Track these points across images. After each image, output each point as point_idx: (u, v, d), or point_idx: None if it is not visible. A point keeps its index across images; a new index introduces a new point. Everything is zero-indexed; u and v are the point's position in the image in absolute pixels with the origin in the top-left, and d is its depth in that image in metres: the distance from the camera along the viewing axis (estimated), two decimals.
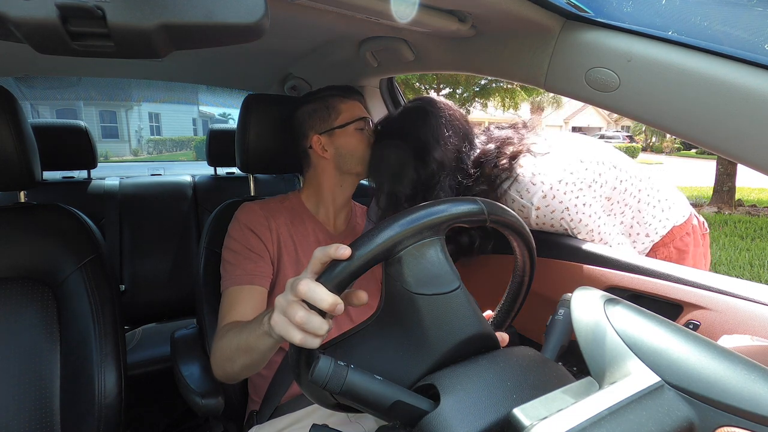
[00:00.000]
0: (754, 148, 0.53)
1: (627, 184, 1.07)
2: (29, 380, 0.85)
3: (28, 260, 0.89)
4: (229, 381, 0.84)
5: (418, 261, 0.50)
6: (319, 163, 1.04)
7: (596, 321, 0.45)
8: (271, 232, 0.96)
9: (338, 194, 1.06)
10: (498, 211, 0.55)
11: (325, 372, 0.43)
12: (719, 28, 0.59)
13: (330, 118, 1.02)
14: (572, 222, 1.00)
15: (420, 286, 0.49)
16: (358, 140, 1.02)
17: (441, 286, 0.50)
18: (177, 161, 6.12)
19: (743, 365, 0.38)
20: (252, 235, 0.94)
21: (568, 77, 0.70)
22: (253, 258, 0.92)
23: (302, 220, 1.03)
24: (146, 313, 1.81)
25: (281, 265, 0.96)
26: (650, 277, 0.87)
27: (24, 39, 0.35)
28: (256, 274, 0.91)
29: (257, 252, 0.93)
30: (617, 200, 1.07)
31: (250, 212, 0.98)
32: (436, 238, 0.51)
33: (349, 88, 1.08)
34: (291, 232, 0.99)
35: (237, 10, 0.37)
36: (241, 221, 0.96)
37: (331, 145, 1.02)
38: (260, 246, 0.94)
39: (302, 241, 1.00)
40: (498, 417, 0.41)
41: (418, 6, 0.72)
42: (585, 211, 1.00)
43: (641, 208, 1.10)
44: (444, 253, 0.52)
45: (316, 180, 1.06)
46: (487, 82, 8.57)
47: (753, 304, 0.74)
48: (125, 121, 11.52)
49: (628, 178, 1.07)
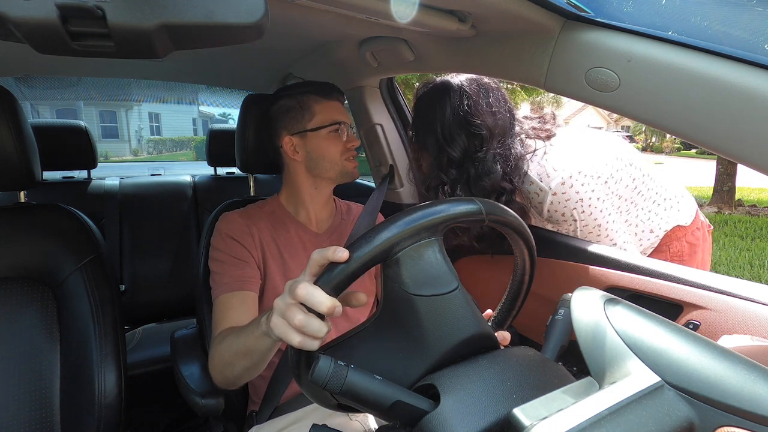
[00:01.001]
0: (754, 148, 0.53)
1: (639, 182, 1.09)
2: (29, 380, 0.85)
3: (28, 260, 0.89)
4: (230, 386, 0.83)
5: (416, 262, 0.50)
6: (291, 165, 1.02)
7: (596, 321, 0.45)
8: (253, 238, 0.95)
9: (315, 196, 1.04)
10: (497, 210, 0.55)
11: (325, 372, 0.43)
12: (719, 28, 0.59)
13: (304, 119, 0.99)
14: (583, 214, 1.02)
15: (418, 287, 0.49)
16: (332, 145, 0.99)
17: (439, 286, 0.50)
18: (177, 161, 6.12)
19: (743, 365, 0.38)
20: (234, 243, 0.94)
21: (568, 77, 0.70)
22: (239, 265, 0.92)
23: (284, 223, 1.01)
24: (146, 313, 1.81)
25: (268, 269, 0.95)
26: (650, 277, 0.87)
27: (24, 39, 0.35)
28: (244, 280, 0.91)
29: (242, 258, 0.93)
30: (628, 198, 1.09)
31: (230, 221, 0.97)
32: (434, 239, 0.51)
33: (328, 86, 1.03)
34: (274, 236, 0.98)
35: (237, 10, 0.37)
36: (222, 231, 0.95)
37: (303, 147, 0.99)
38: (244, 252, 0.93)
39: (286, 244, 0.99)
40: (498, 417, 0.41)
41: (418, 6, 0.72)
42: (597, 206, 1.02)
43: (650, 208, 1.12)
44: (442, 254, 0.52)
45: (291, 182, 1.04)
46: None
47: (753, 304, 0.74)
48: (125, 121, 11.54)
49: (641, 176, 1.10)
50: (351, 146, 1.01)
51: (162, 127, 12.57)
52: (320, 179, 1.02)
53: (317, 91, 1.00)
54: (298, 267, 0.97)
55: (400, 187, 1.48)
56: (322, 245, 1.01)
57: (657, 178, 1.13)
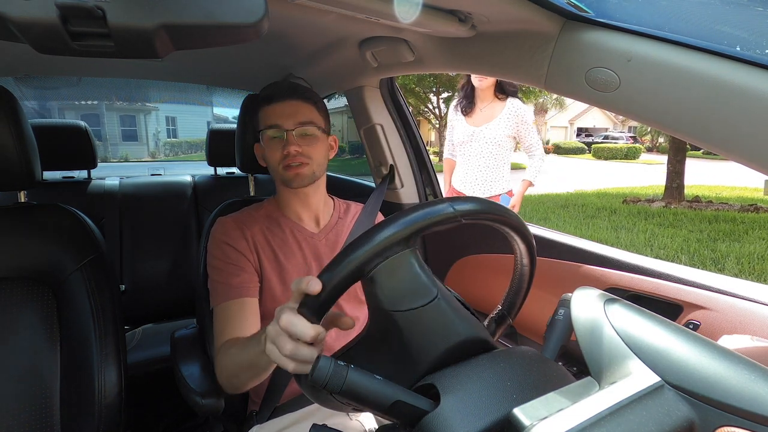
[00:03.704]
0: (754, 148, 0.53)
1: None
2: (29, 380, 0.85)
3: (28, 260, 0.89)
4: (239, 392, 0.85)
5: (390, 279, 0.49)
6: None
7: (596, 321, 0.45)
8: (247, 242, 0.95)
9: (295, 199, 1.02)
10: (470, 207, 0.52)
11: (325, 372, 0.43)
12: (719, 28, 0.59)
13: (259, 125, 0.98)
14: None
15: (395, 303, 0.49)
16: (270, 149, 0.96)
17: (417, 299, 0.49)
18: (191, 161, 6.21)
19: (743, 365, 0.38)
20: (229, 249, 0.94)
21: (568, 77, 0.70)
22: (235, 272, 0.92)
23: (278, 224, 1.01)
24: (146, 313, 1.81)
25: (264, 271, 0.96)
26: (650, 277, 0.87)
27: (24, 39, 0.35)
28: (241, 287, 0.91)
29: (238, 264, 0.93)
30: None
31: (223, 227, 0.97)
32: (407, 251, 0.50)
33: (275, 89, 0.97)
34: (268, 238, 0.98)
35: (237, 10, 0.37)
36: (217, 237, 0.96)
37: (262, 153, 1.00)
38: (239, 257, 0.94)
39: (282, 245, 0.99)
40: (498, 417, 0.41)
41: (420, 6, 0.72)
42: None
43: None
44: (417, 264, 0.51)
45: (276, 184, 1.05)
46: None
47: (753, 304, 0.74)
48: (144, 125, 11.82)
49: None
50: (287, 152, 0.92)
51: (178, 130, 12.86)
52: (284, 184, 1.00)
53: (263, 97, 0.97)
54: (294, 268, 0.97)
55: (400, 187, 1.48)
56: (319, 244, 1.02)
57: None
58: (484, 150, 2.36)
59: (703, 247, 4.89)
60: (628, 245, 5.14)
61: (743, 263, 4.32)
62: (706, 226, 5.89)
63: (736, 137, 0.54)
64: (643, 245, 5.10)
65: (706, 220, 6.20)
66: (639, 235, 5.50)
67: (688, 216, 6.52)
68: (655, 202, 7.81)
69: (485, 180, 2.39)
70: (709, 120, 0.55)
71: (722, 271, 4.07)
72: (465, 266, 1.31)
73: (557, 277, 1.04)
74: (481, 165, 2.39)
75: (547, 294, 1.04)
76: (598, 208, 7.39)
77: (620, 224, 6.19)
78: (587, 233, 5.77)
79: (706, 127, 0.56)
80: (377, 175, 1.53)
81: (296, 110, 0.95)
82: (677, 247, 4.92)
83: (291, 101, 0.96)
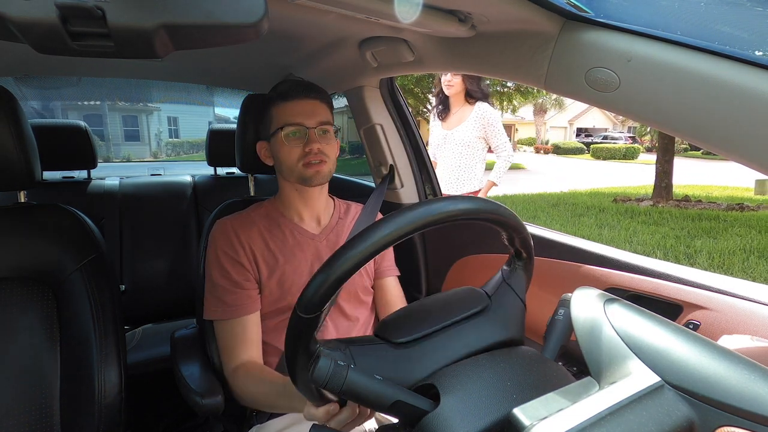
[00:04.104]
0: (754, 148, 0.53)
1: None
2: (29, 380, 0.85)
3: (28, 260, 0.89)
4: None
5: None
6: (273, 169, 1.05)
7: (596, 321, 0.45)
8: (243, 247, 0.96)
9: (299, 198, 1.02)
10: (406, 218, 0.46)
11: (325, 372, 0.43)
12: (719, 28, 0.59)
13: (270, 124, 0.99)
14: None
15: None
16: (286, 149, 0.95)
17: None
18: (192, 161, 6.23)
19: (743, 365, 0.38)
20: (226, 259, 0.95)
21: (568, 77, 0.70)
22: (233, 289, 0.94)
23: (278, 224, 1.02)
24: (146, 313, 1.81)
25: (261, 272, 0.96)
26: (650, 277, 0.87)
27: (24, 39, 0.35)
28: (239, 305, 0.93)
29: (237, 278, 0.94)
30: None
31: (221, 232, 0.98)
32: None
33: (290, 86, 0.98)
34: (266, 238, 0.98)
35: (237, 10, 0.37)
36: (215, 245, 0.97)
37: (270, 152, 1.01)
38: (236, 268, 0.94)
39: (280, 245, 0.99)
40: (498, 417, 0.41)
41: (419, 6, 0.72)
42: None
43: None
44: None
45: (278, 184, 1.05)
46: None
47: (753, 304, 0.74)
48: (146, 125, 11.93)
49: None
50: (310, 150, 0.94)
51: (180, 130, 12.97)
52: (292, 183, 1.01)
53: (278, 94, 0.98)
54: (293, 271, 0.97)
55: (400, 187, 1.48)
56: (319, 246, 1.02)
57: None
58: (455, 151, 2.51)
59: (679, 243, 5.06)
60: (608, 241, 5.29)
61: (714, 258, 4.47)
62: (688, 224, 6.03)
63: (735, 137, 0.54)
64: (623, 241, 5.29)
65: (690, 218, 6.35)
66: (621, 232, 5.69)
67: (673, 214, 6.66)
68: (644, 201, 7.97)
69: (457, 179, 2.53)
70: (709, 120, 0.55)
71: (693, 265, 4.13)
72: (465, 266, 1.31)
73: (557, 277, 1.04)
74: (453, 165, 2.53)
75: (547, 294, 1.04)
76: (588, 207, 7.45)
77: (606, 222, 6.29)
78: (572, 230, 5.85)
79: (706, 127, 0.56)
80: (377, 175, 1.53)
81: (315, 109, 0.97)
82: (655, 243, 5.09)
83: (309, 100, 0.97)
